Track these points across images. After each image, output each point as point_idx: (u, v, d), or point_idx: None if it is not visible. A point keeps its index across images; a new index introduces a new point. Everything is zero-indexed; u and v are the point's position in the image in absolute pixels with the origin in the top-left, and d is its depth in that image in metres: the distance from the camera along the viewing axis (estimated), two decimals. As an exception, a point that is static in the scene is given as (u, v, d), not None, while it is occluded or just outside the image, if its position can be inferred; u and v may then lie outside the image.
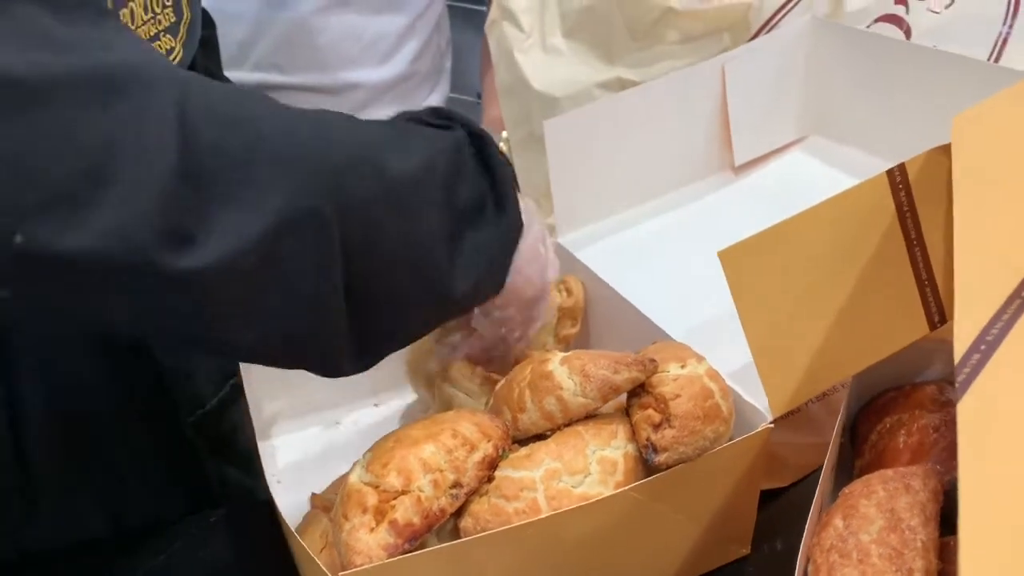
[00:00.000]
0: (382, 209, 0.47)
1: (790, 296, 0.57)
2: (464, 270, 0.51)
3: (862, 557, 0.48)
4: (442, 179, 0.50)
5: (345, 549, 0.47)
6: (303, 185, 0.43)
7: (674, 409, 0.52)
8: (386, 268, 0.48)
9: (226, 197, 0.40)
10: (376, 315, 0.48)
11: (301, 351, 0.47)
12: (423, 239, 0.49)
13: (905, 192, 0.59)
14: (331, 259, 0.45)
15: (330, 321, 0.46)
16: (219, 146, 0.41)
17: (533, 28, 0.99)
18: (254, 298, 0.43)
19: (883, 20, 0.86)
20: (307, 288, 0.44)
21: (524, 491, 0.50)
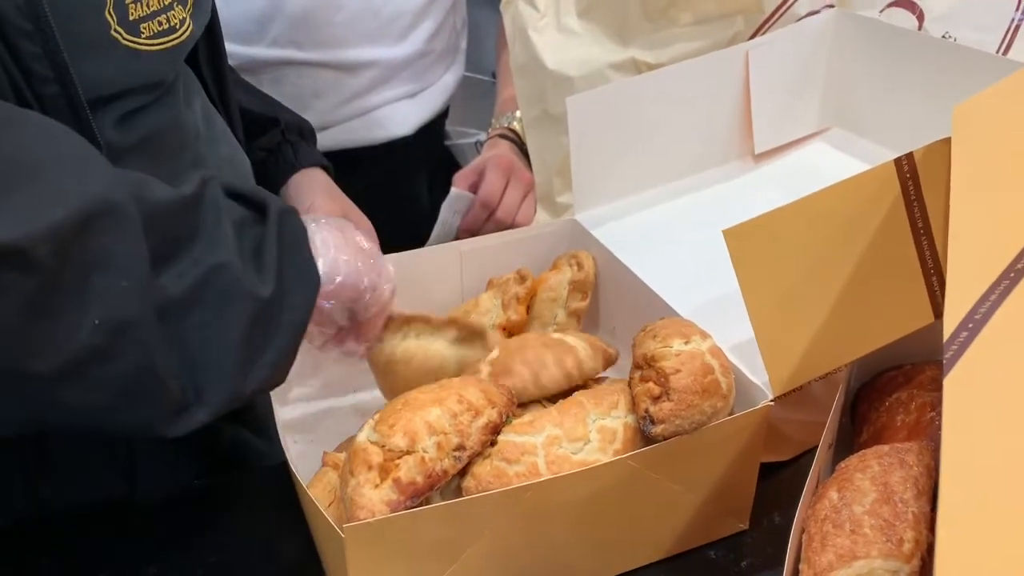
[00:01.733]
0: (181, 217, 0.48)
1: (794, 278, 0.58)
2: (264, 272, 0.51)
3: (854, 527, 0.49)
4: (211, 200, 0.51)
5: (349, 503, 0.49)
6: (98, 180, 0.43)
7: (674, 383, 0.54)
8: (194, 276, 0.47)
9: (8, 195, 0.39)
10: (187, 328, 0.47)
11: (113, 372, 0.44)
12: (220, 248, 0.49)
13: (912, 181, 0.59)
14: (134, 257, 0.44)
15: (144, 333, 0.44)
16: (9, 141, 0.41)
17: (548, 8, 0.99)
18: (56, 300, 0.41)
19: (896, 5, 0.86)
20: (114, 289, 0.43)
21: (525, 455, 0.52)
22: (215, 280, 0.48)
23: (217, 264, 0.48)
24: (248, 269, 0.50)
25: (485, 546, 0.52)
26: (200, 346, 0.47)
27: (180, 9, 0.57)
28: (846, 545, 0.49)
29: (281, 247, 0.53)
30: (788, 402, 0.69)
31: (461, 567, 0.52)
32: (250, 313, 0.49)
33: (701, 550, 0.61)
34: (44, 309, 0.40)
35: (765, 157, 0.87)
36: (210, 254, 0.49)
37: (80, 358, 0.42)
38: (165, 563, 0.61)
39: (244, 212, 0.53)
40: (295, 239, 0.54)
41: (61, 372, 0.42)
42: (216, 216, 0.50)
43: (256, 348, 0.50)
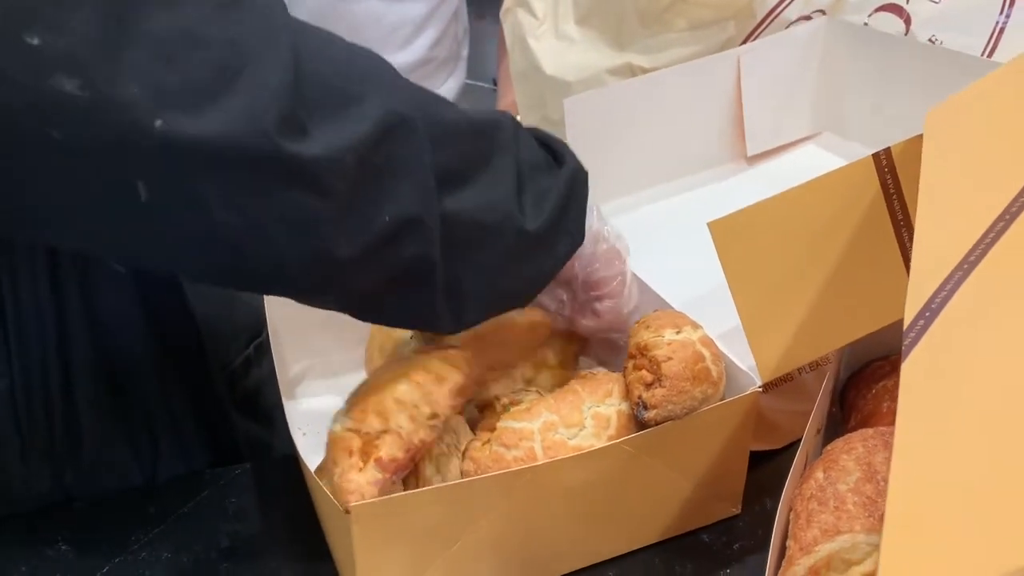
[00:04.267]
0: (463, 137, 0.52)
1: (778, 268, 0.60)
2: (533, 209, 0.55)
3: (838, 504, 0.51)
4: (508, 131, 0.55)
5: (338, 491, 0.51)
6: (395, 98, 0.48)
7: (665, 370, 0.56)
8: (469, 194, 0.51)
9: (328, 111, 0.45)
10: (463, 244, 0.52)
11: (401, 259, 0.50)
12: (497, 174, 0.53)
13: (891, 174, 0.62)
14: (424, 164, 0.49)
15: (427, 227, 0.49)
16: (319, 74, 0.45)
17: (546, 15, 1.02)
18: (366, 197, 0.47)
19: (884, 9, 0.89)
20: (411, 189, 0.48)
21: (522, 441, 0.54)
22: (487, 216, 0.52)
23: (491, 201, 0.52)
24: (523, 210, 0.54)
25: (484, 528, 0.54)
26: (463, 269, 0.53)
27: None
28: (830, 521, 0.51)
29: (565, 201, 0.57)
30: (779, 393, 0.72)
31: (462, 548, 0.54)
32: (512, 247, 0.54)
33: (694, 534, 0.64)
34: (349, 207, 0.46)
35: (757, 160, 0.90)
36: (490, 188, 0.53)
37: (373, 247, 0.48)
38: (179, 548, 0.63)
39: (542, 155, 0.57)
40: (579, 197, 0.59)
41: (359, 258, 0.48)
42: (506, 151, 0.54)
43: (510, 278, 0.55)
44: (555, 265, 0.59)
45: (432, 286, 0.51)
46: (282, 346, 0.70)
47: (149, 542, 0.64)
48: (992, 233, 0.45)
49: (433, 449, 0.56)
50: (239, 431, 0.73)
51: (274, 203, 0.44)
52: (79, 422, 0.63)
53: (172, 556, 0.63)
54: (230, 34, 0.42)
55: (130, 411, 0.66)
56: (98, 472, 0.66)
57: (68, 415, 0.63)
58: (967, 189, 0.49)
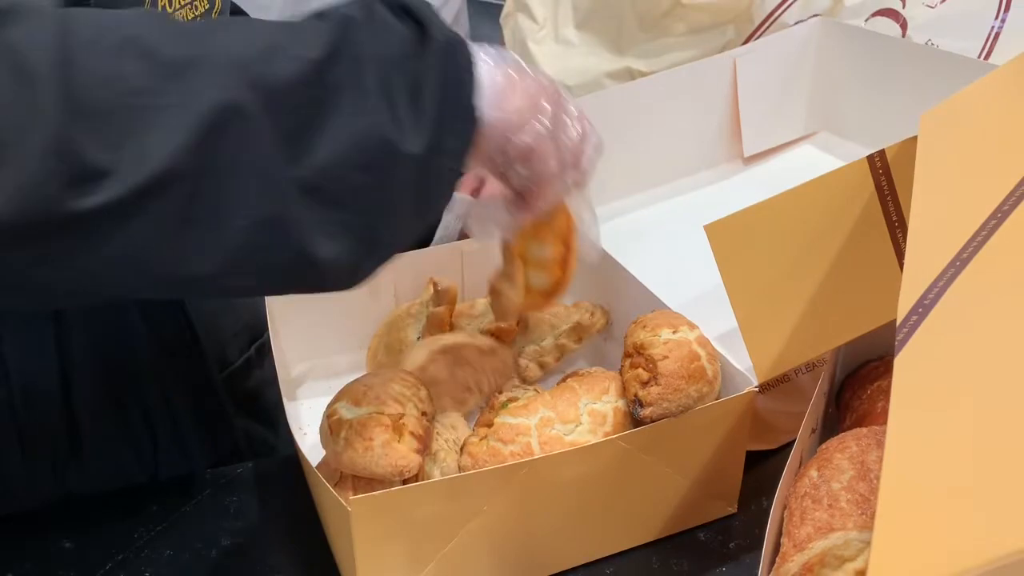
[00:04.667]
0: (306, 92, 0.44)
1: (774, 269, 0.61)
2: (414, 123, 0.47)
3: (832, 502, 0.52)
4: (349, 53, 0.46)
5: (384, 461, 0.53)
6: (214, 85, 0.41)
7: (661, 368, 0.57)
8: (334, 150, 0.45)
9: (132, 124, 0.39)
10: (345, 200, 0.46)
11: (272, 262, 0.45)
12: (360, 111, 0.46)
13: (885, 176, 0.62)
14: (266, 155, 0.43)
15: (291, 220, 0.44)
16: (112, 75, 0.39)
17: (547, 20, 1.03)
18: (200, 212, 0.41)
19: (881, 14, 0.90)
20: (253, 189, 0.42)
21: (520, 436, 0.55)
22: (365, 145, 0.46)
23: (361, 129, 0.45)
24: (399, 123, 0.46)
25: (482, 523, 0.55)
26: (363, 211, 0.47)
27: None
28: (824, 519, 0.51)
29: (440, 89, 0.48)
30: (775, 393, 0.72)
31: (460, 543, 0.55)
32: (407, 175, 0.47)
33: (691, 532, 0.64)
34: (191, 222, 0.42)
35: (754, 160, 0.90)
36: (352, 120, 0.45)
37: (237, 256, 0.43)
38: (181, 545, 0.64)
39: (399, 47, 0.48)
40: (457, 81, 0.49)
41: (222, 270, 0.43)
42: (356, 72, 0.46)
43: (420, 204, 0.49)
44: (455, 161, 0.50)
45: (309, 259, 0.45)
46: (283, 347, 0.71)
47: (151, 540, 0.64)
48: (984, 231, 0.46)
49: (432, 445, 0.57)
50: (239, 430, 0.73)
51: (102, 254, 0.40)
52: (79, 422, 0.64)
53: (174, 554, 0.63)
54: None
55: (129, 411, 0.67)
56: (99, 471, 0.66)
57: (67, 415, 0.64)
58: (960, 189, 0.49)
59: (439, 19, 0.50)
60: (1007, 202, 0.48)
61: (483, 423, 0.59)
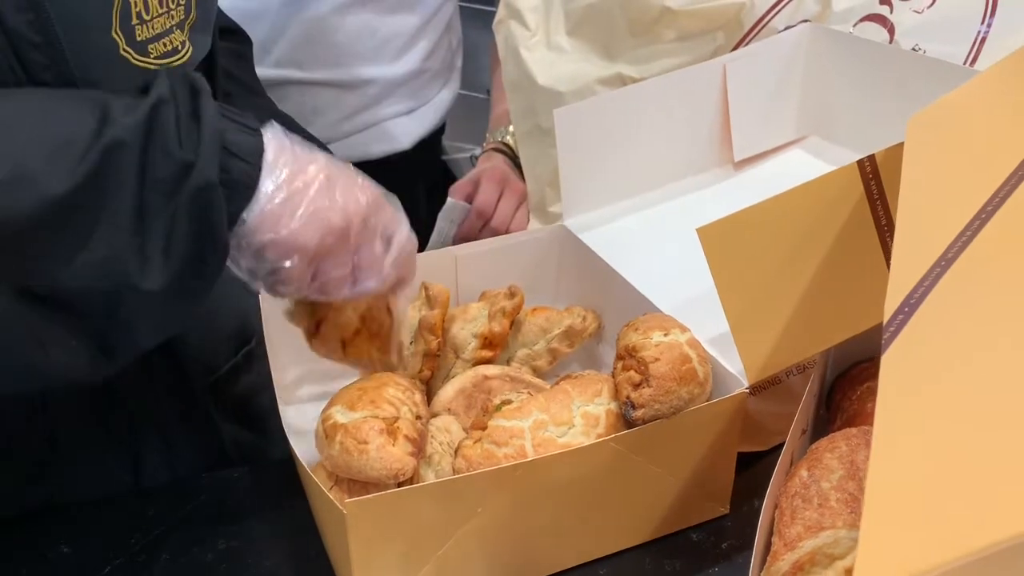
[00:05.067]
0: (47, 231, 0.46)
1: (765, 272, 0.61)
2: (161, 260, 0.48)
3: (822, 501, 0.53)
4: (120, 171, 0.48)
5: (379, 464, 0.54)
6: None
7: (653, 370, 0.57)
8: (73, 275, 0.46)
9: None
10: (82, 312, 0.49)
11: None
12: (100, 251, 0.47)
13: (875, 180, 0.63)
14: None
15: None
16: None
17: (539, 26, 1.04)
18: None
19: (868, 19, 0.90)
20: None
21: (513, 438, 0.55)
22: (104, 274, 0.47)
23: (100, 260, 0.47)
24: (145, 259, 0.48)
25: (477, 525, 0.55)
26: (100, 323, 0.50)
27: (179, 33, 0.61)
28: (814, 518, 0.52)
29: (192, 232, 0.49)
30: (766, 395, 0.73)
31: (455, 545, 0.55)
32: (146, 304, 0.50)
33: (684, 533, 0.65)
34: None
35: (744, 165, 0.91)
36: (95, 249, 0.47)
37: None
38: (177, 550, 0.64)
39: (165, 178, 0.48)
40: (209, 224, 0.49)
41: None
42: (113, 198, 0.47)
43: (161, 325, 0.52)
44: (196, 299, 0.52)
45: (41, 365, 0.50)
46: (277, 353, 0.71)
47: (148, 545, 0.65)
48: (969, 231, 0.47)
49: (426, 448, 0.58)
50: (227, 437, 0.74)
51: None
52: (57, 427, 0.64)
53: (171, 558, 0.64)
54: None
55: (111, 416, 0.67)
56: (81, 477, 0.67)
57: (46, 420, 0.64)
58: (946, 190, 0.50)
59: (221, 136, 0.50)
60: (991, 202, 0.49)
61: (477, 426, 0.59)
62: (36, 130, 0.47)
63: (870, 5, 0.90)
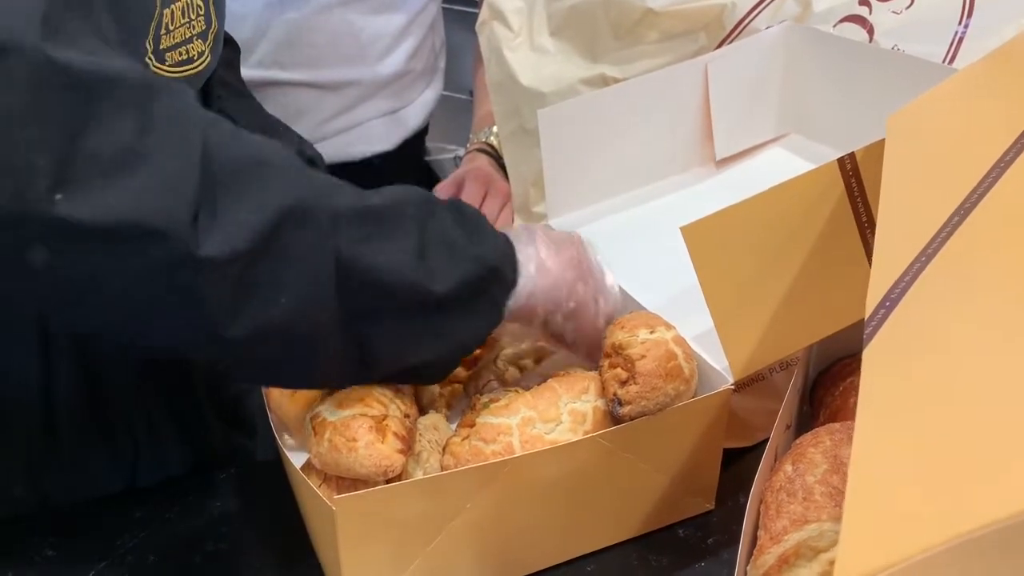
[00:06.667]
0: (363, 219, 0.52)
1: (748, 270, 0.62)
2: (441, 274, 0.54)
3: (806, 495, 0.53)
4: (414, 207, 0.56)
5: (368, 460, 0.54)
6: (296, 189, 0.49)
7: (639, 368, 0.58)
8: (369, 278, 0.52)
9: (230, 198, 0.47)
10: (369, 319, 0.53)
11: (297, 350, 0.51)
12: (397, 242, 0.53)
13: (855, 177, 0.64)
14: (323, 253, 0.50)
15: (325, 319, 0.51)
16: (230, 159, 0.48)
17: (522, 28, 1.04)
18: (258, 283, 0.48)
19: (848, 20, 0.92)
20: (306, 275, 0.49)
21: (501, 435, 0.56)
22: (388, 278, 0.53)
23: (391, 264, 0.53)
24: (430, 274, 0.54)
25: (465, 521, 0.56)
26: (372, 336, 0.54)
27: (200, 43, 0.62)
28: (799, 511, 0.53)
29: (479, 275, 0.56)
30: (751, 392, 0.74)
31: (443, 541, 0.56)
32: (418, 310, 0.54)
33: (670, 528, 0.65)
34: (242, 292, 0.48)
35: (726, 163, 0.92)
36: (389, 254, 0.53)
37: (265, 330, 0.49)
38: (165, 551, 0.64)
39: (457, 233, 0.57)
40: (502, 278, 0.59)
41: (251, 337, 0.49)
42: (407, 221, 0.54)
43: (422, 346, 0.56)
44: (473, 338, 0.58)
45: (328, 358, 0.53)
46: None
47: (135, 546, 0.65)
48: (948, 227, 0.48)
49: (415, 446, 0.58)
50: (218, 437, 0.74)
51: (168, 285, 0.46)
52: (57, 427, 0.64)
53: (158, 560, 0.64)
54: (141, 122, 0.44)
55: (108, 417, 0.67)
56: (77, 477, 0.67)
57: (46, 421, 0.64)
58: (926, 186, 0.51)
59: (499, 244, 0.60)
60: (970, 198, 0.49)
61: (465, 423, 0.60)
62: None
63: (850, 6, 0.91)
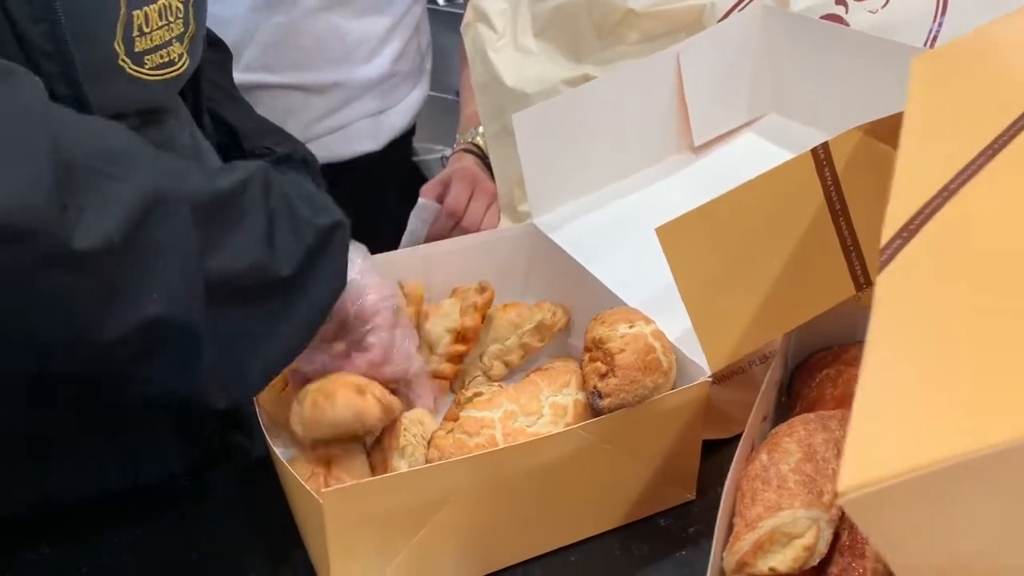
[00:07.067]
0: (217, 205, 0.52)
1: (723, 265, 0.64)
2: (286, 256, 0.55)
3: (780, 483, 0.55)
4: (257, 187, 0.56)
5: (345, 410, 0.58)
6: (154, 177, 0.49)
7: (619, 361, 0.60)
8: (230, 261, 0.52)
9: (90, 193, 0.46)
10: (231, 315, 0.53)
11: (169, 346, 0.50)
12: (249, 231, 0.54)
13: (828, 167, 0.66)
14: (187, 239, 0.50)
15: (193, 301, 0.50)
16: (82, 150, 0.46)
17: (506, 29, 1.06)
18: (129, 278, 0.47)
19: (825, 19, 0.93)
20: (176, 267, 0.49)
21: (484, 428, 0.57)
22: (243, 271, 0.53)
23: (244, 256, 0.53)
24: (275, 257, 0.54)
25: (449, 513, 0.57)
26: (232, 333, 0.53)
27: (178, 46, 0.63)
28: (772, 499, 0.55)
29: (320, 245, 0.57)
30: (731, 384, 0.75)
31: (429, 533, 0.57)
32: (271, 295, 0.54)
33: (652, 519, 0.67)
34: (115, 290, 0.47)
35: (705, 149, 0.93)
36: (242, 245, 0.53)
37: (138, 327, 0.48)
38: (160, 549, 0.65)
39: (297, 206, 0.57)
40: (338, 243, 0.59)
41: (124, 339, 0.48)
42: (254, 206, 0.54)
43: (278, 335, 0.55)
44: (318, 311, 0.59)
45: (198, 359, 0.52)
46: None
47: (131, 544, 0.66)
48: (972, 167, 0.47)
49: (401, 439, 0.59)
50: (216, 435, 0.75)
51: (38, 285, 0.44)
52: (57, 425, 0.65)
53: (154, 557, 0.65)
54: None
55: (107, 414, 0.68)
56: (78, 475, 0.68)
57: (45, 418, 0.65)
58: (949, 126, 0.51)
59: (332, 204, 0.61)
60: (998, 141, 0.48)
61: (449, 417, 0.61)
62: None
63: (827, 6, 0.93)
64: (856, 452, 0.32)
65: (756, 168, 0.63)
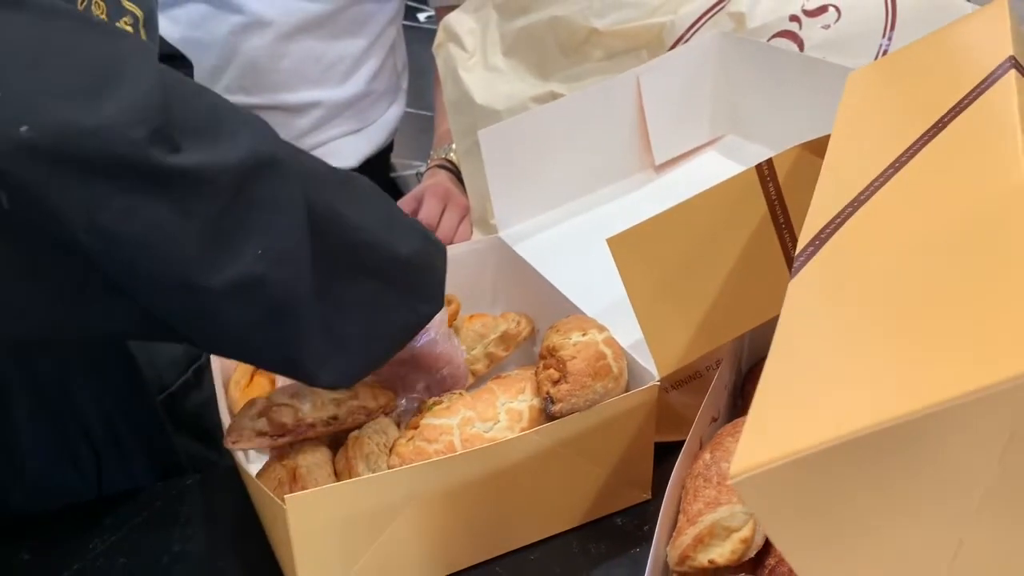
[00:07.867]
0: (333, 181, 0.54)
1: (672, 274, 0.67)
2: (405, 238, 0.57)
3: (720, 480, 0.58)
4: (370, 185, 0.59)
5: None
6: (265, 139, 0.49)
7: (570, 367, 0.62)
8: (344, 232, 0.52)
9: (200, 136, 0.46)
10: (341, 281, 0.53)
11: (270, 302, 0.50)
12: (367, 208, 0.56)
13: (772, 182, 0.69)
14: (295, 201, 0.49)
15: (298, 271, 0.50)
16: (190, 104, 0.47)
17: (476, 48, 1.09)
18: (234, 230, 0.47)
19: (780, 36, 0.97)
20: (282, 225, 0.48)
21: (443, 435, 0.60)
22: (359, 236, 0.54)
23: (362, 224, 0.54)
24: (393, 240, 0.56)
25: (410, 516, 0.60)
26: (340, 305, 0.54)
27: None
28: (713, 495, 0.57)
29: (428, 259, 0.61)
30: (687, 389, 0.78)
31: (390, 535, 0.60)
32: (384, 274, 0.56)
33: (609, 518, 0.70)
34: (217, 233, 0.47)
35: (665, 168, 0.97)
36: (360, 217, 0.54)
37: (242, 280, 0.48)
38: (134, 554, 0.68)
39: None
40: (440, 266, 0.63)
41: (225, 289, 0.48)
42: (375, 194, 0.57)
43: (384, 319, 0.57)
44: (418, 320, 0.61)
45: (303, 325, 0.52)
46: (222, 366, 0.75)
47: (106, 550, 0.68)
48: (882, 178, 0.50)
49: (364, 448, 0.62)
50: (179, 448, 0.78)
51: (139, 220, 0.44)
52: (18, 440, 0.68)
53: (128, 561, 0.68)
54: (102, 50, 0.43)
55: (68, 430, 0.70)
56: (43, 489, 0.70)
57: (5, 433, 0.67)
58: (869, 141, 0.54)
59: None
60: (907, 152, 0.51)
61: (411, 426, 0.64)
62: None
63: (781, 23, 0.96)
64: (750, 438, 0.35)
65: (714, 183, 0.67)
